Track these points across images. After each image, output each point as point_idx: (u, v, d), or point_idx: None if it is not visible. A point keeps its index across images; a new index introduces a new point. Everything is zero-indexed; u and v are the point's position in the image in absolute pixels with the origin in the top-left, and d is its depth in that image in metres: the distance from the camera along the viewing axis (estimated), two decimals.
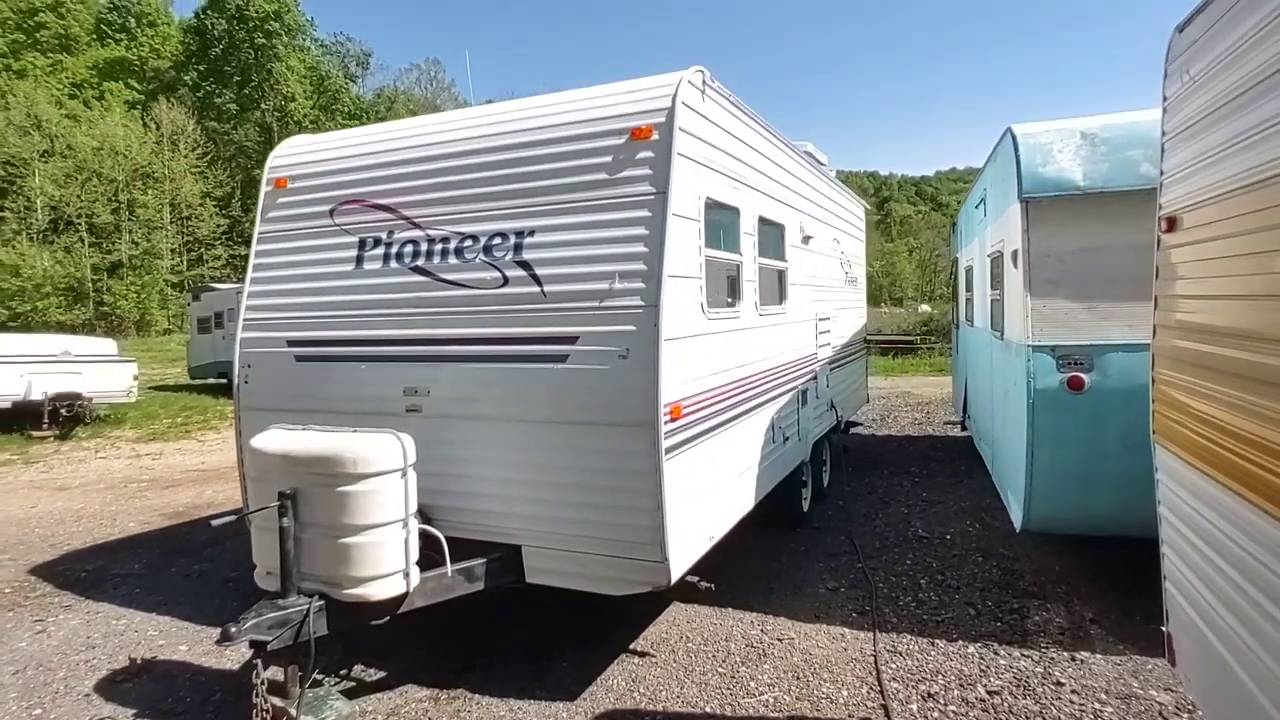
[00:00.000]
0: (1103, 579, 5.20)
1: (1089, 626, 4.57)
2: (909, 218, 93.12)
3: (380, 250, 4.37)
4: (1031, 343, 4.48)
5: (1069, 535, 5.42)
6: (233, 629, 3.06)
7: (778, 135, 5.65)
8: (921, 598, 5.09)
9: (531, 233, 3.97)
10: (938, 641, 4.42)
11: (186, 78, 53.51)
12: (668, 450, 3.62)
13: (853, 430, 9.74)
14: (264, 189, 4.87)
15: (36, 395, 12.28)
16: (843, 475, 8.10)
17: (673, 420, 3.68)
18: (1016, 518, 4.90)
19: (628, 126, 3.83)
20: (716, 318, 4.32)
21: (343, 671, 4.09)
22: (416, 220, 4.30)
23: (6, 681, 4.01)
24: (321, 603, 3.32)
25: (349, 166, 4.59)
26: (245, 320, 4.77)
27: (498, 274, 4.01)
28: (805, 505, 6.75)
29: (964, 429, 10.04)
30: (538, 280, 3.90)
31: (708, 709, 3.73)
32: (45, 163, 41.25)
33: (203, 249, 46.73)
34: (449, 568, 3.65)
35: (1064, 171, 4.43)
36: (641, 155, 3.78)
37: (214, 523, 3.27)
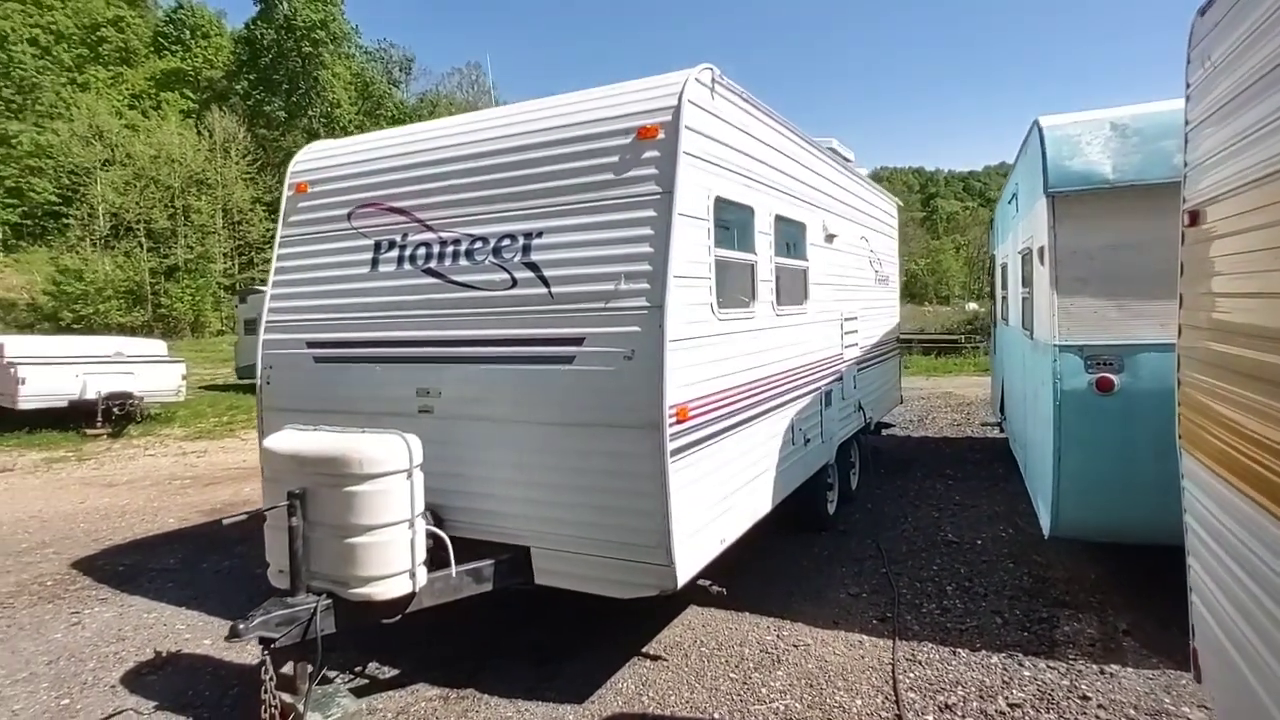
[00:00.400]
0: (1140, 588, 4.98)
1: (1121, 638, 4.38)
2: (956, 214, 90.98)
3: (395, 253, 4.43)
4: (1059, 342, 4.31)
5: (1101, 542, 5.21)
6: (241, 626, 3.13)
7: (796, 132, 5.55)
8: (946, 604, 4.95)
9: (540, 234, 3.97)
10: (960, 651, 4.28)
11: (238, 87, 55.23)
12: (674, 453, 3.58)
13: (885, 432, 9.54)
14: (285, 194, 4.97)
15: (91, 394, 12.80)
16: (871, 478, 7.94)
17: (679, 422, 3.64)
18: (1044, 523, 4.73)
19: (634, 126, 3.80)
20: (729, 318, 4.26)
21: (357, 668, 4.16)
22: (429, 223, 4.34)
23: (40, 671, 4.16)
24: (329, 601, 3.37)
25: (366, 170, 4.66)
26: (268, 322, 4.88)
27: (506, 275, 4.02)
28: (831, 508, 6.64)
29: (1001, 430, 9.75)
30: (545, 281, 3.90)
31: (716, 715, 3.68)
32: (106, 171, 43.01)
33: (253, 252, 48.17)
34: (454, 569, 3.66)
35: (1092, 164, 4.25)
36: (648, 155, 3.74)
37: (225, 522, 3.34)
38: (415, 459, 3.48)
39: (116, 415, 13.08)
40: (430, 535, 3.63)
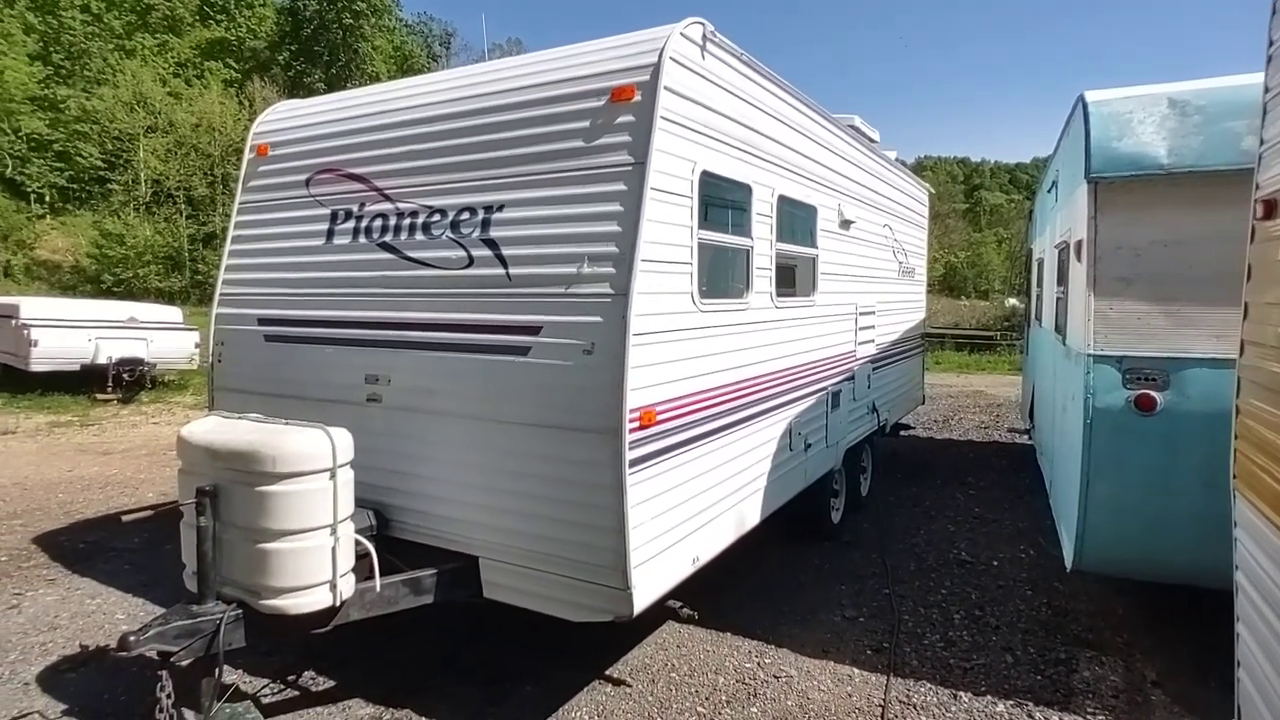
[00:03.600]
0: (1174, 629, 4.42)
1: (1150, 690, 3.85)
2: (1000, 206, 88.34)
3: (350, 224, 4.02)
4: (1094, 351, 3.75)
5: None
6: (132, 637, 2.78)
7: (809, 104, 5.00)
8: (952, 636, 4.45)
9: (501, 207, 3.53)
10: (961, 694, 3.80)
11: (279, 57, 55.52)
12: (635, 463, 3.13)
13: (904, 434, 8.97)
14: (246, 156, 4.59)
15: (102, 359, 12.76)
16: (885, 483, 7.41)
17: (643, 428, 3.19)
18: (1067, 554, 4.20)
19: (608, 86, 3.32)
20: (713, 309, 3.79)
21: (290, 676, 3.82)
22: (387, 192, 3.92)
23: None
24: (239, 612, 3.01)
25: (327, 133, 4.26)
26: (221, 295, 4.53)
27: (463, 253, 3.59)
28: (836, 516, 6.15)
29: (1030, 439, 9.12)
30: (503, 261, 3.46)
31: None
32: (149, 138, 43.56)
33: None
34: (379, 582, 3.27)
35: (1144, 147, 3.66)
36: (621, 120, 3.27)
37: (125, 518, 2.99)
38: (341, 457, 3.09)
39: (127, 381, 13.03)
40: (357, 544, 3.23)
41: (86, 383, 12.82)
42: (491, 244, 3.51)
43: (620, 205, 3.20)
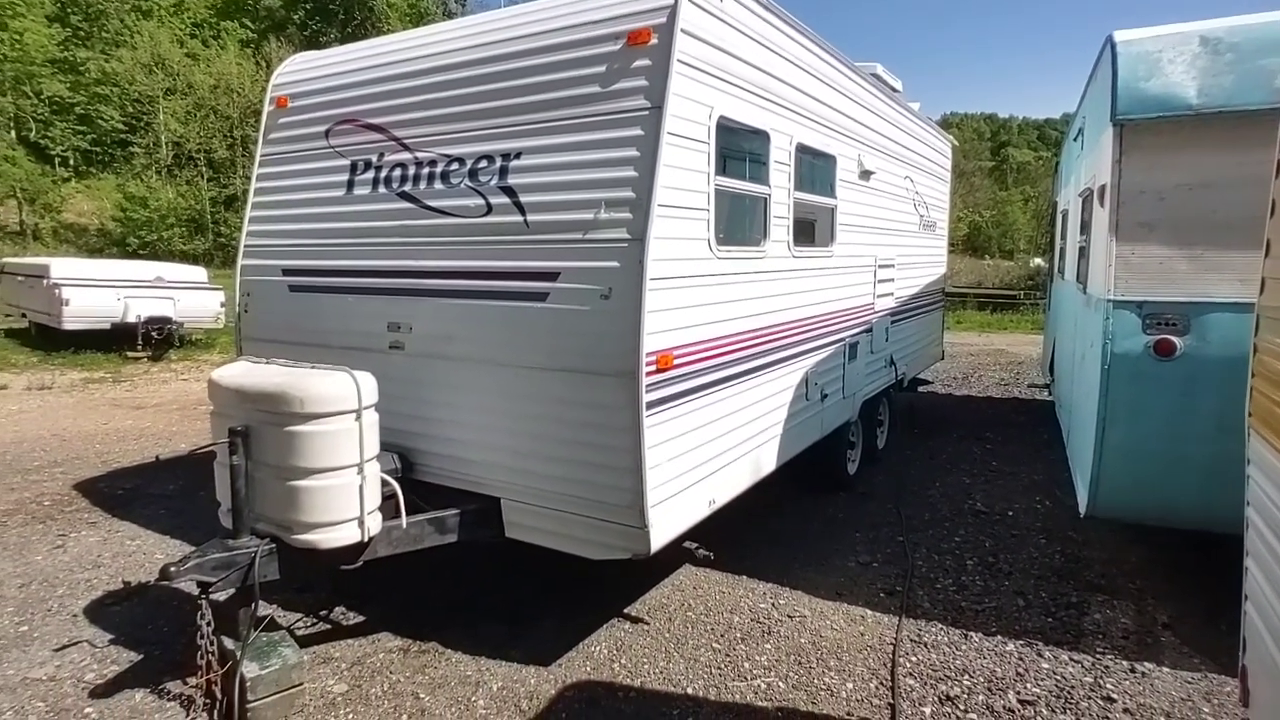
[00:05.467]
0: (1186, 577, 4.46)
1: (1160, 632, 3.91)
2: (1028, 164, 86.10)
3: (370, 174, 4.06)
4: (1113, 296, 3.72)
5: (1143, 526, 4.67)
6: (172, 568, 2.92)
7: (830, 50, 4.92)
8: (964, 581, 4.52)
9: (518, 155, 3.54)
10: (972, 634, 3.88)
11: (295, 16, 54.95)
12: (651, 405, 3.19)
13: (922, 389, 8.96)
14: (265, 109, 4.63)
15: (131, 318, 13.02)
16: (901, 437, 7.45)
17: (660, 371, 3.24)
18: (1081, 500, 4.23)
19: (624, 30, 3.30)
20: (730, 257, 3.80)
21: (322, 611, 3.99)
22: (406, 141, 3.95)
23: (10, 594, 4.11)
24: (272, 546, 3.14)
25: (346, 84, 4.27)
26: (246, 247, 4.61)
27: (482, 201, 3.62)
28: (852, 467, 6.21)
29: (1049, 393, 9.08)
30: (521, 209, 3.49)
31: (689, 689, 3.38)
32: (168, 100, 43.58)
33: None
34: (404, 520, 3.39)
35: (1173, 87, 3.57)
36: (637, 64, 3.25)
37: (160, 456, 3.11)
38: (366, 399, 3.18)
39: (156, 339, 13.30)
40: (383, 484, 3.34)
41: (117, 341, 13.11)
42: (509, 191, 3.54)
43: (637, 150, 3.21)
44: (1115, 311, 3.68)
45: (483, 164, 3.65)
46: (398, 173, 3.95)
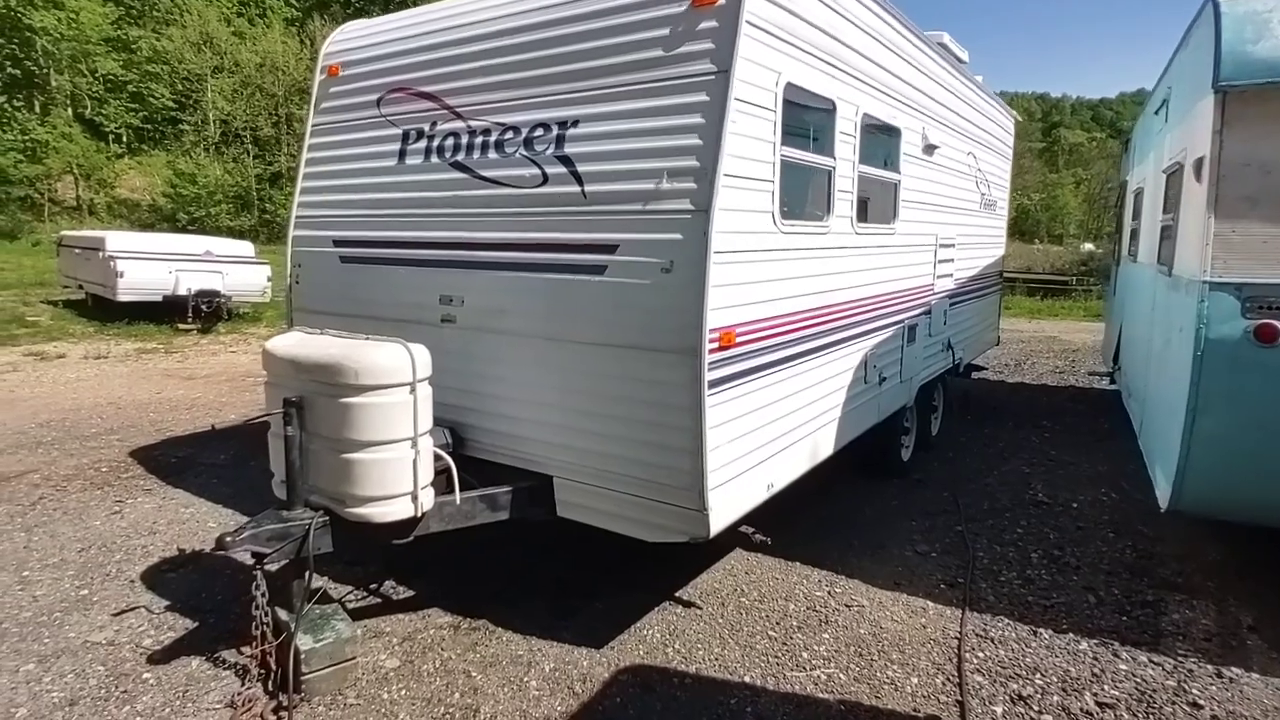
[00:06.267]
0: (1271, 575, 4.21)
1: (1246, 634, 3.69)
2: (1080, 145, 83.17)
3: (422, 144, 3.97)
4: (1209, 278, 3.47)
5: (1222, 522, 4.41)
6: (228, 538, 2.90)
7: (899, 17, 4.67)
8: (1030, 575, 4.33)
9: (576, 123, 3.41)
10: (1041, 631, 3.70)
11: None
12: (713, 384, 3.06)
13: (976, 375, 8.67)
14: (317, 78, 4.56)
15: (182, 291, 13.28)
16: (955, 424, 7.21)
17: (722, 349, 3.11)
18: (1163, 495, 3.99)
19: None
20: (794, 231, 3.63)
21: (373, 585, 3.97)
22: (459, 110, 3.84)
23: (70, 558, 4.18)
24: (326, 518, 3.10)
25: (398, 51, 4.17)
26: (297, 218, 4.58)
27: (537, 171, 3.50)
28: (906, 454, 6.02)
29: (1112, 382, 8.72)
30: (579, 179, 3.37)
31: (747, 678, 3.28)
32: (216, 78, 44.30)
33: None
34: (458, 495, 3.33)
35: None
36: (703, 26, 3.08)
37: (215, 426, 3.09)
38: (421, 372, 3.11)
39: (205, 312, 13.56)
40: (437, 458, 3.28)
41: (168, 313, 13.39)
42: (566, 161, 3.42)
43: (701, 117, 3.06)
44: (1211, 294, 3.43)
45: (538, 132, 3.53)
46: (450, 142, 3.85)
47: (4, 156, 30.70)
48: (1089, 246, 37.69)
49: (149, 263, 13.13)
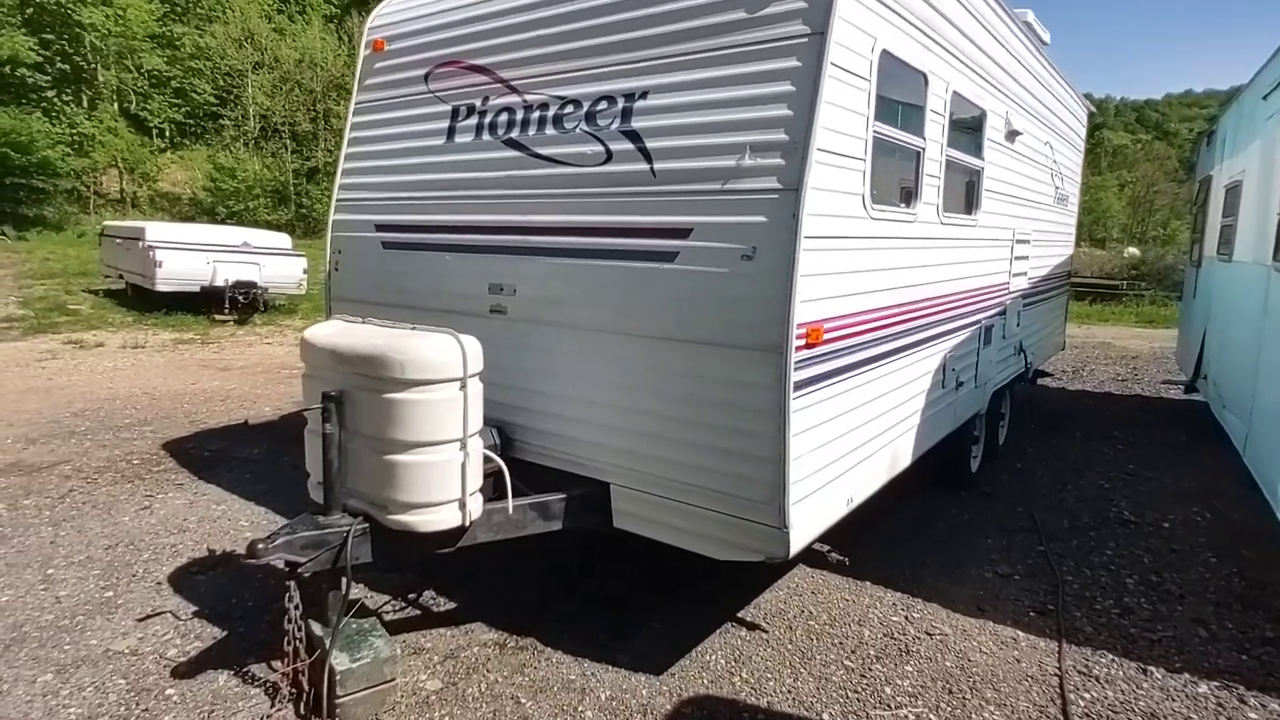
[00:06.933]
0: None
1: None
2: (1124, 147, 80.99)
3: (473, 120, 3.68)
4: None
5: None
6: (260, 545, 2.63)
7: None
8: (1128, 603, 3.92)
9: (644, 94, 3.09)
10: (1152, 669, 3.30)
11: None
12: (799, 386, 2.72)
13: (1039, 381, 8.19)
14: (362, 53, 4.30)
15: (220, 282, 13.24)
16: (1021, 433, 6.76)
17: (809, 347, 2.77)
18: None
19: None
20: (883, 218, 3.27)
21: (411, 594, 3.69)
22: (513, 83, 3.54)
23: (97, 556, 3.97)
24: (365, 526, 2.82)
25: (447, 23, 3.89)
26: (338, 201, 4.32)
27: (600, 148, 3.19)
28: (974, 464, 5.60)
29: (1189, 390, 8.17)
30: (647, 155, 3.04)
31: (825, 716, 2.93)
32: (256, 74, 44.88)
33: None
34: (510, 503, 3.02)
35: None
36: None
37: (250, 421, 2.82)
38: (472, 366, 2.81)
39: (241, 303, 13.50)
40: (487, 461, 2.98)
41: (205, 304, 13.36)
42: (633, 136, 3.09)
43: (791, 85, 2.71)
44: None
45: (602, 105, 3.21)
46: (504, 118, 3.56)
47: (52, 150, 31.30)
48: (1133, 250, 36.69)
49: (187, 253, 13.10)
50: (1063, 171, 7.00)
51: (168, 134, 45.80)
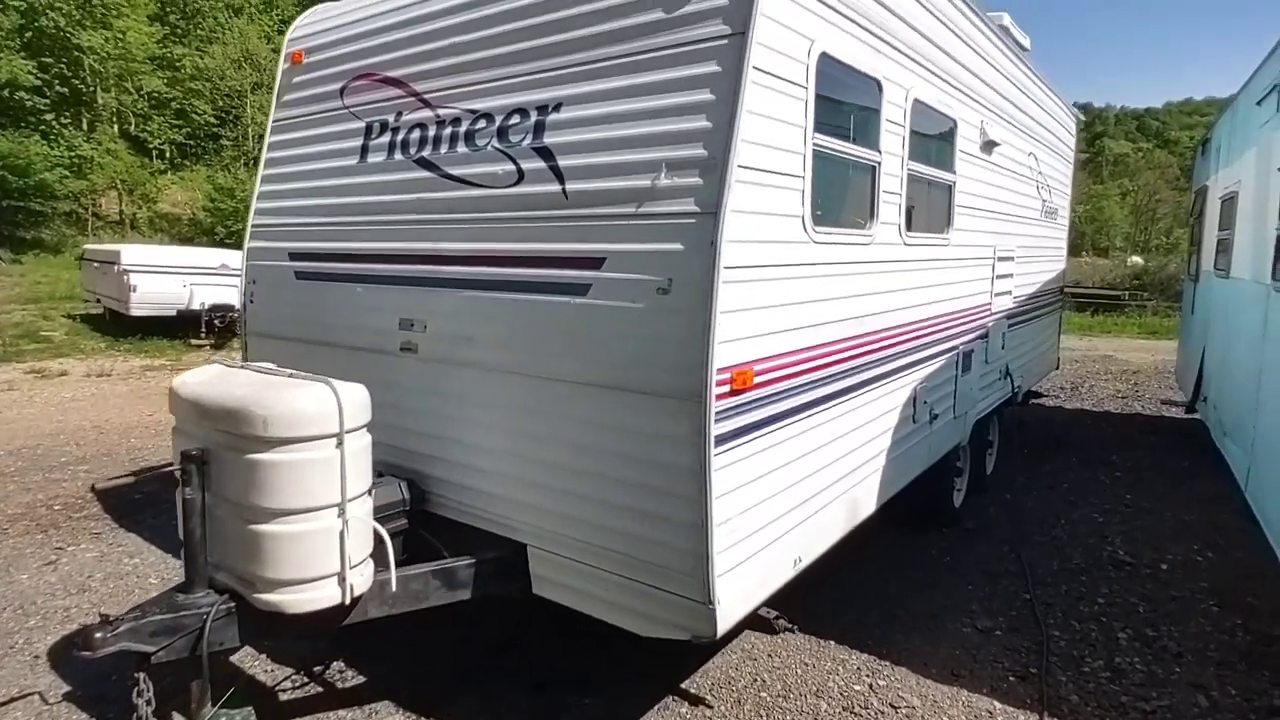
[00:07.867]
0: None
1: None
2: (1125, 156, 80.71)
3: (386, 138, 3.35)
4: None
5: None
6: (97, 635, 2.27)
7: None
8: (1120, 663, 3.52)
9: (557, 106, 2.75)
10: None
11: None
12: (722, 439, 2.36)
13: (1033, 401, 7.80)
14: (280, 67, 3.99)
15: (196, 305, 12.97)
16: (1012, 459, 6.37)
17: (736, 393, 2.40)
18: None
19: None
20: (830, 241, 2.92)
21: (316, 667, 3.31)
22: (427, 96, 3.21)
23: None
24: (230, 605, 2.46)
25: (365, 31, 3.57)
26: (253, 227, 4.00)
27: (512, 167, 2.85)
28: (958, 498, 5.21)
29: (1189, 412, 7.76)
30: (559, 175, 2.70)
31: None
32: (255, 94, 44.99)
33: None
34: (394, 575, 2.65)
35: None
36: None
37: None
38: (351, 420, 2.45)
39: (219, 327, 13.22)
40: (376, 531, 2.61)
41: (182, 328, 13.08)
42: (545, 153, 2.75)
43: (711, 93, 2.37)
44: None
45: (514, 119, 2.87)
46: (416, 135, 3.22)
47: (50, 173, 31.21)
48: (1137, 259, 36.37)
49: (162, 276, 12.85)
50: (1050, 184, 6.65)
51: (168, 155, 45.86)
